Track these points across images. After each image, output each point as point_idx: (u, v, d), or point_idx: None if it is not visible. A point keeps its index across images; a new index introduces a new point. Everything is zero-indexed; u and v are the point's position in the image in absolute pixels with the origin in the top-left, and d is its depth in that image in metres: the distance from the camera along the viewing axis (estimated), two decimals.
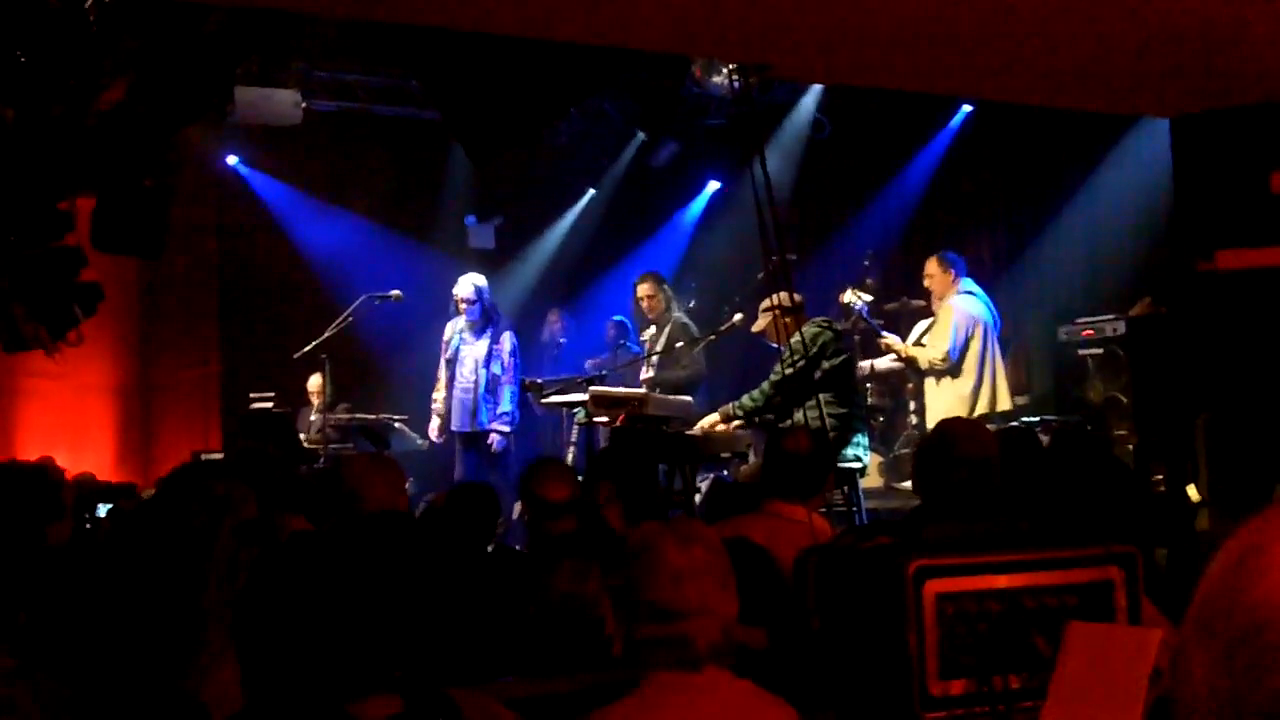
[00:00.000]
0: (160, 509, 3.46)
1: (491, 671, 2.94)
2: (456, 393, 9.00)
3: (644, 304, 9.32)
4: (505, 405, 8.92)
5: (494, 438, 8.90)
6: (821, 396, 6.42)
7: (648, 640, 2.42)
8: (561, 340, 11.28)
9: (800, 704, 2.54)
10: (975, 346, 8.19)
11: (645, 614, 2.43)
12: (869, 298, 8.42)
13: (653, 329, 9.37)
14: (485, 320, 8.98)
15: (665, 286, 9.45)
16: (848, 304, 8.42)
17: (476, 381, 8.91)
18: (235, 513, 3.43)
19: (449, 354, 9.09)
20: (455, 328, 9.10)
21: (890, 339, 8.58)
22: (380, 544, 2.12)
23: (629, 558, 2.49)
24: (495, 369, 8.91)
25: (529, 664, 3.31)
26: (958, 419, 7.10)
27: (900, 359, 8.54)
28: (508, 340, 9.00)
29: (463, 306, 8.97)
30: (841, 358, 7.19)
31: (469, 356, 8.97)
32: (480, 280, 9.08)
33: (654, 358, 9.15)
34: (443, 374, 9.14)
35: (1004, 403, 8.35)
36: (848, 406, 7.12)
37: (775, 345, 7.15)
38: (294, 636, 2.02)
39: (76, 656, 2.94)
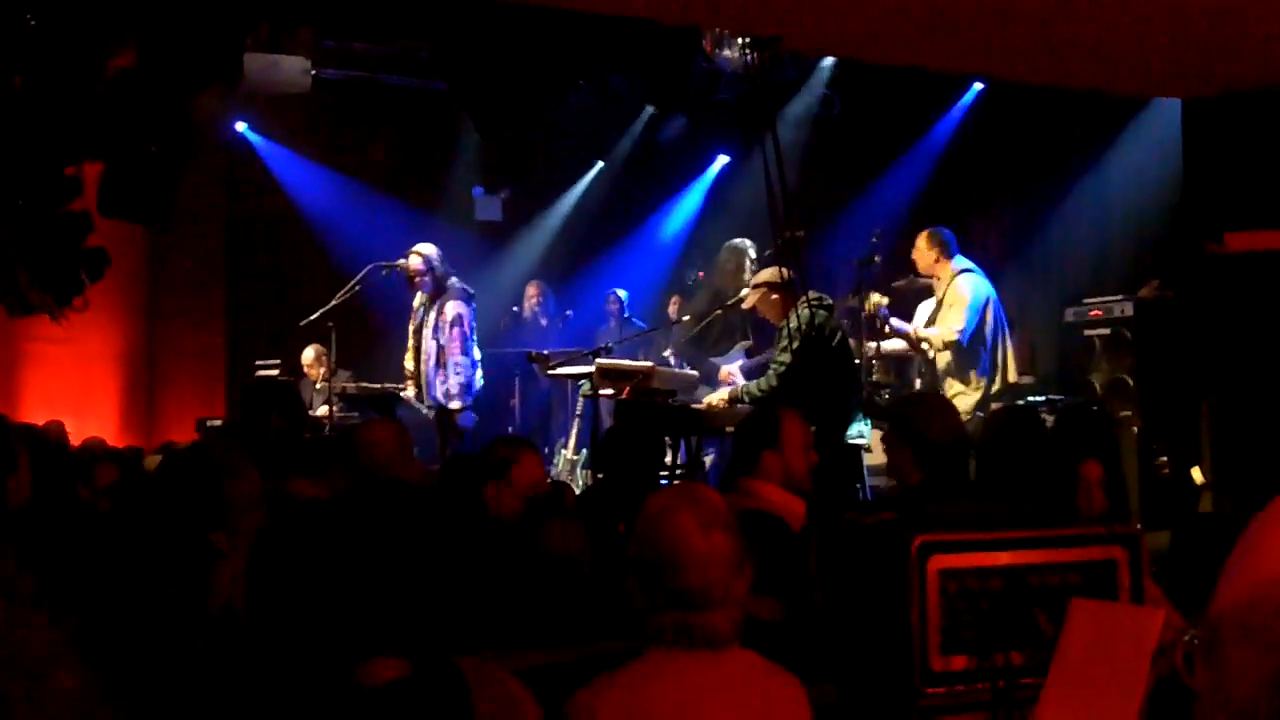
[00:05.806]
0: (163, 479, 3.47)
1: (498, 640, 2.94)
2: (421, 365, 8.84)
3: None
4: (452, 379, 8.63)
5: (460, 415, 8.62)
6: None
7: (669, 625, 2.39)
8: (540, 315, 11.02)
9: (803, 675, 2.54)
10: (987, 325, 8.14)
11: (666, 601, 2.39)
12: (886, 300, 8.22)
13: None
14: (439, 291, 8.72)
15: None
16: (871, 313, 8.17)
17: (429, 354, 8.72)
18: (234, 479, 3.44)
19: (415, 323, 8.89)
20: (420, 298, 8.89)
21: (905, 330, 8.34)
22: (390, 511, 2.13)
23: (648, 537, 2.44)
24: (442, 339, 8.69)
25: (526, 628, 3.31)
26: (928, 394, 7.11)
27: (913, 346, 8.38)
28: (450, 309, 8.66)
29: (416, 280, 8.74)
30: (838, 335, 7.17)
31: (426, 327, 8.77)
32: (427, 249, 8.75)
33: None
34: (410, 341, 8.93)
35: (1011, 375, 8.29)
36: (846, 382, 7.10)
37: (775, 324, 7.13)
38: (303, 602, 2.02)
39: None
